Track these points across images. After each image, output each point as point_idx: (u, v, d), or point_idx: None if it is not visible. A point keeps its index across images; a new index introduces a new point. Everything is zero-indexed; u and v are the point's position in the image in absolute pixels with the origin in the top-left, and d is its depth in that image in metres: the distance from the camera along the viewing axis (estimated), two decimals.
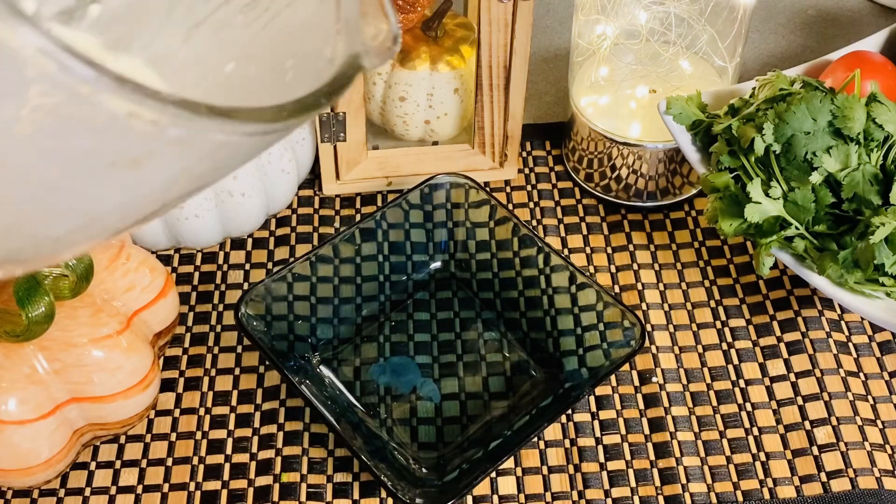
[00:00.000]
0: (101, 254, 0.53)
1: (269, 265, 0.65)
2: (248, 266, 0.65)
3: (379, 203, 0.69)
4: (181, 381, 0.60)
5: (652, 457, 0.56)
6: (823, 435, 0.57)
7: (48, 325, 0.48)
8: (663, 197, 0.68)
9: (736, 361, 0.60)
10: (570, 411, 0.58)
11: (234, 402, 0.59)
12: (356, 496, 0.55)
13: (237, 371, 0.60)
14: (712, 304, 0.63)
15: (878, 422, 0.58)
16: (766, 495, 0.55)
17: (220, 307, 0.63)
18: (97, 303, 0.51)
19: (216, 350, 0.61)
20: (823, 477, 0.55)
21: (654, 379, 0.59)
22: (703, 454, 0.56)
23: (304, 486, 0.55)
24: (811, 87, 0.59)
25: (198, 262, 0.65)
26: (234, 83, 0.33)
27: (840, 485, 0.55)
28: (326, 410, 0.53)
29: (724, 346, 0.61)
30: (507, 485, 0.55)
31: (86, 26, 0.30)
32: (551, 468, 0.56)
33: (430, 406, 0.58)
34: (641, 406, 0.58)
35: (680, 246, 0.66)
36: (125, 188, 0.27)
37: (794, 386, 0.59)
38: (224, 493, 0.55)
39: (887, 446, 0.56)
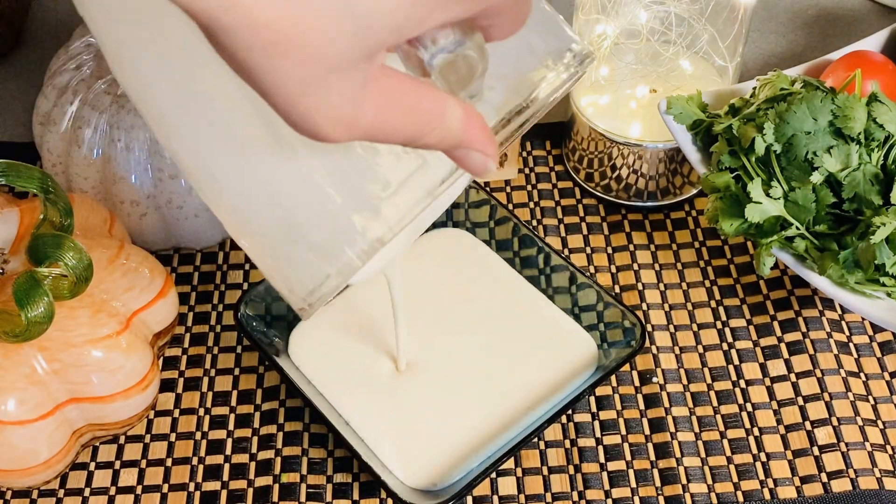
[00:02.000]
0: (100, 254, 0.53)
1: None
2: (247, 266, 0.65)
3: None
4: (181, 381, 0.60)
5: (652, 457, 0.56)
6: (824, 435, 0.57)
7: (47, 325, 0.47)
8: (664, 197, 0.68)
9: (736, 362, 0.60)
10: (570, 411, 0.58)
11: (233, 403, 0.59)
12: (356, 496, 0.55)
13: (237, 371, 0.60)
14: (713, 304, 0.63)
15: (879, 422, 0.57)
16: (767, 496, 0.55)
17: (220, 307, 0.63)
18: (96, 303, 0.51)
19: (216, 350, 0.61)
20: (824, 477, 0.55)
21: (654, 379, 0.59)
22: (703, 454, 0.56)
23: (303, 486, 0.55)
24: (812, 87, 0.59)
25: (197, 262, 0.65)
26: None
27: (841, 485, 0.54)
28: (325, 411, 0.53)
29: (725, 347, 0.61)
30: (507, 485, 0.55)
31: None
32: (551, 468, 0.56)
33: None
34: (642, 406, 0.58)
35: (680, 246, 0.66)
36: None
37: (795, 386, 0.59)
38: (224, 493, 0.55)
39: (888, 447, 0.56)
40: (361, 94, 0.29)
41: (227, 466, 0.56)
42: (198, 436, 0.57)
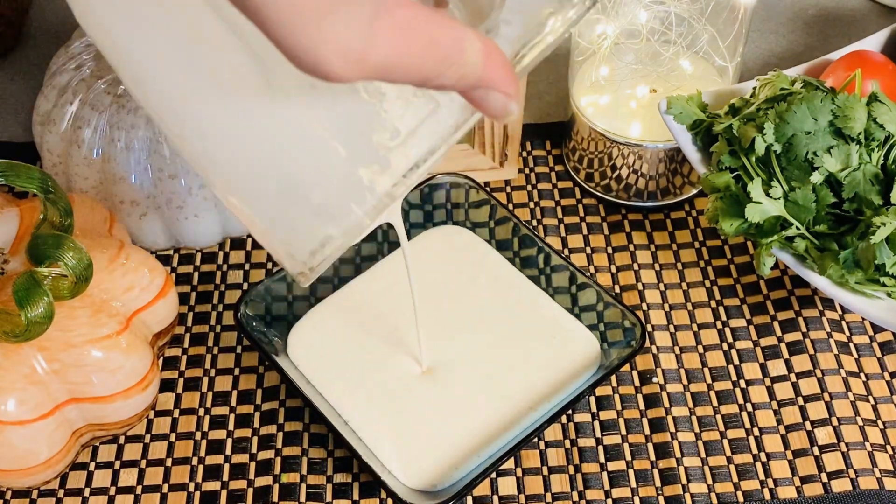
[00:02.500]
0: (100, 254, 0.52)
1: (269, 265, 0.65)
2: (247, 266, 0.65)
3: None
4: (181, 381, 0.60)
5: (652, 457, 0.56)
6: (824, 435, 0.56)
7: (47, 325, 0.47)
8: (664, 197, 0.68)
9: (737, 362, 0.60)
10: (570, 411, 0.58)
11: (233, 403, 0.59)
12: (356, 496, 0.55)
13: (237, 371, 0.60)
14: (713, 304, 0.63)
15: (879, 422, 0.57)
16: (767, 496, 0.55)
17: (220, 307, 0.63)
18: (96, 303, 0.51)
19: (216, 350, 0.61)
20: (824, 477, 0.55)
21: (654, 379, 0.59)
22: (703, 455, 0.56)
23: (303, 486, 0.55)
24: (812, 87, 0.59)
25: (197, 262, 0.65)
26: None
27: (841, 485, 0.54)
28: (325, 411, 0.53)
29: (725, 347, 0.61)
30: (507, 485, 0.55)
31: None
32: (551, 468, 0.56)
33: None
34: (642, 406, 0.58)
35: (680, 246, 0.66)
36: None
37: (795, 386, 0.59)
38: (224, 493, 0.55)
39: (888, 447, 0.56)
40: (372, 26, 0.26)
41: (227, 466, 0.56)
42: (198, 436, 0.57)
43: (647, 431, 0.57)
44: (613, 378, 0.59)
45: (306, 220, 0.33)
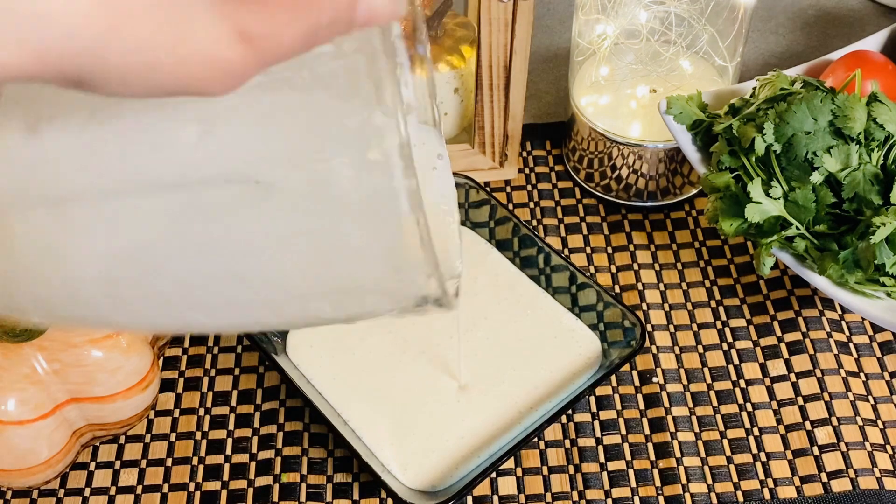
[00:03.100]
0: None
1: None
2: None
3: None
4: (181, 381, 0.60)
5: (652, 457, 0.56)
6: (824, 435, 0.57)
7: (48, 325, 0.47)
8: (664, 197, 0.68)
9: (736, 362, 0.60)
10: (570, 411, 0.58)
11: (233, 403, 0.59)
12: (356, 496, 0.55)
13: (237, 371, 0.60)
14: (713, 304, 0.63)
15: (879, 422, 0.57)
16: (767, 496, 0.55)
17: None
18: None
19: (216, 350, 0.61)
20: (824, 477, 0.55)
21: (654, 379, 0.59)
22: (703, 454, 0.56)
23: (304, 486, 0.55)
24: (812, 87, 0.59)
25: None
26: None
27: (840, 485, 0.55)
28: (325, 411, 0.53)
29: (725, 347, 0.61)
30: (507, 485, 0.55)
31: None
32: (552, 468, 0.56)
33: None
34: (642, 406, 0.58)
35: (680, 246, 0.66)
36: None
37: (795, 386, 0.59)
38: (224, 493, 0.55)
39: (888, 446, 0.56)
40: (223, 11, 0.25)
41: (227, 466, 0.56)
42: (198, 436, 0.57)
43: (647, 431, 0.57)
44: (613, 378, 0.59)
45: (394, 275, 0.31)
